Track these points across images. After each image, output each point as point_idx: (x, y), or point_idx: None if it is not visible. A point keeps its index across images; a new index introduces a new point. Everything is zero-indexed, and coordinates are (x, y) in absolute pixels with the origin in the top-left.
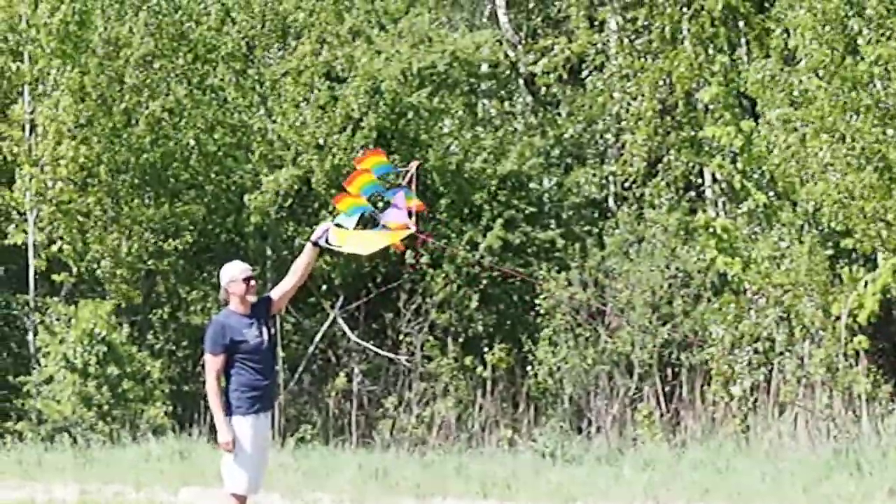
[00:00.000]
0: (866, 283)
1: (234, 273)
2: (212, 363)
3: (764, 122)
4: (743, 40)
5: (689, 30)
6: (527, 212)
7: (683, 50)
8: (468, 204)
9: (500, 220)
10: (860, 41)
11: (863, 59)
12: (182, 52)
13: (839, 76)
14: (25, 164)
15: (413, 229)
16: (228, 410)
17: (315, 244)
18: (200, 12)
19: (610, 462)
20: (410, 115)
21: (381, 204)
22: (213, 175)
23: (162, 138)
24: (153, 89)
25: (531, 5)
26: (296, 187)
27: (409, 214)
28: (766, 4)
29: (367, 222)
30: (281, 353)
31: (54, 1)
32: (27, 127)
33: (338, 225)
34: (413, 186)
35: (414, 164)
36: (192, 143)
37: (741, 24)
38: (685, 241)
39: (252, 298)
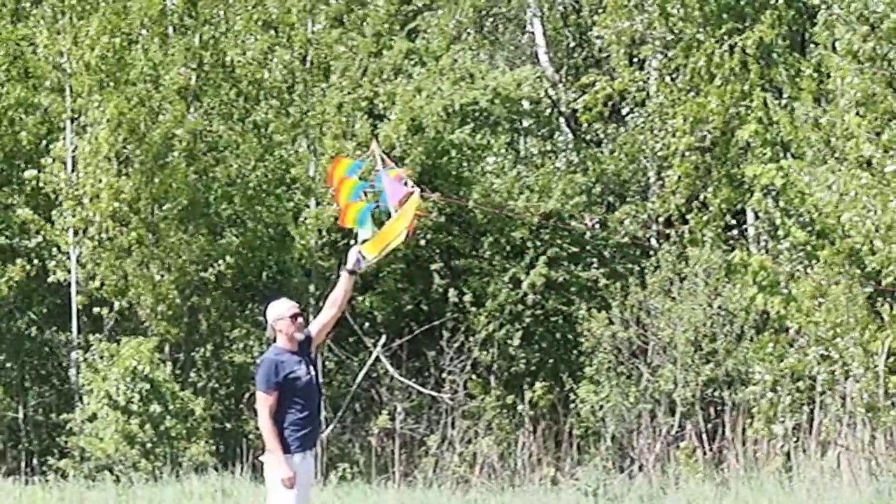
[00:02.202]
0: None
1: (281, 311)
2: (265, 401)
3: (803, 161)
4: (781, 77)
5: (723, 66)
6: (569, 250)
7: (717, 86)
8: (510, 241)
9: (543, 258)
10: None
11: None
12: (225, 87)
13: (877, 111)
14: (67, 201)
15: (416, 191)
16: (282, 446)
17: (351, 272)
18: (243, 47)
19: (652, 501)
20: (453, 152)
21: (378, 202)
22: (255, 210)
23: (202, 172)
24: (192, 123)
25: (572, 44)
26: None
27: (405, 183)
28: (803, 42)
29: (379, 220)
30: (324, 391)
31: (94, 34)
32: (69, 163)
33: (363, 242)
34: (387, 161)
35: (374, 144)
36: (235, 177)
37: (778, 61)
38: (727, 279)
39: (300, 336)
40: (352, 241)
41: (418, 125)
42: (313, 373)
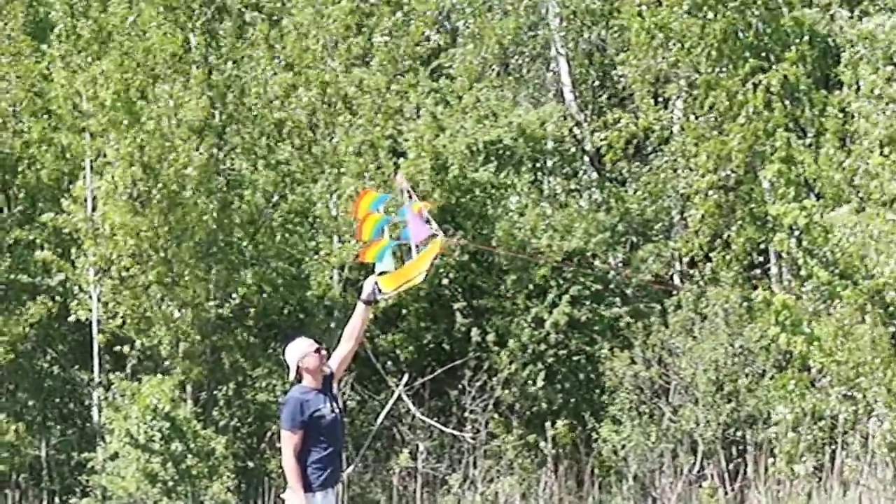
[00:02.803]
0: None
1: (304, 348)
2: (290, 440)
3: (827, 201)
4: (806, 116)
5: (746, 104)
6: (592, 289)
7: (739, 124)
8: (533, 281)
9: (566, 297)
10: None
11: None
12: (248, 125)
13: None
14: (87, 240)
15: (440, 234)
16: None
17: (367, 303)
18: (263, 86)
19: None
20: (476, 191)
21: (400, 240)
22: (276, 247)
23: (219, 209)
24: (202, 160)
25: (596, 83)
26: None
27: (427, 221)
28: (828, 81)
29: (402, 254)
30: (347, 429)
31: (108, 72)
32: (89, 202)
33: (380, 274)
34: (412, 195)
35: (399, 175)
36: (255, 214)
37: (803, 100)
38: (749, 318)
39: (326, 370)
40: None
41: (442, 164)
42: (338, 410)
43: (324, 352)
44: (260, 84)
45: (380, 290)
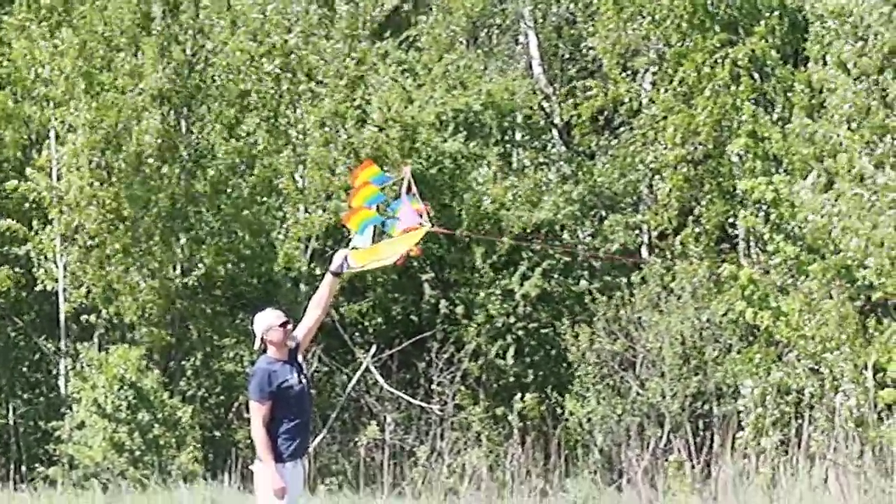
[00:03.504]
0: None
1: (270, 321)
2: (258, 411)
3: (795, 175)
4: (773, 90)
5: (714, 77)
6: (561, 262)
7: (706, 98)
8: (499, 253)
9: (539, 269)
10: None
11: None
12: (212, 96)
13: (869, 127)
14: (52, 208)
15: (427, 226)
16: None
17: (335, 273)
18: (225, 57)
19: None
20: (446, 161)
21: (388, 218)
22: (241, 218)
23: (183, 178)
24: (159, 129)
25: (565, 56)
26: (326, 231)
27: (420, 215)
28: (797, 56)
29: (380, 235)
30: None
31: (69, 42)
32: (54, 171)
33: (353, 248)
34: (413, 190)
35: (406, 169)
36: (220, 184)
37: (771, 74)
38: (716, 292)
39: (291, 343)
40: (340, 247)
41: (410, 133)
42: (304, 381)
43: (290, 327)
44: (223, 54)
45: (348, 264)
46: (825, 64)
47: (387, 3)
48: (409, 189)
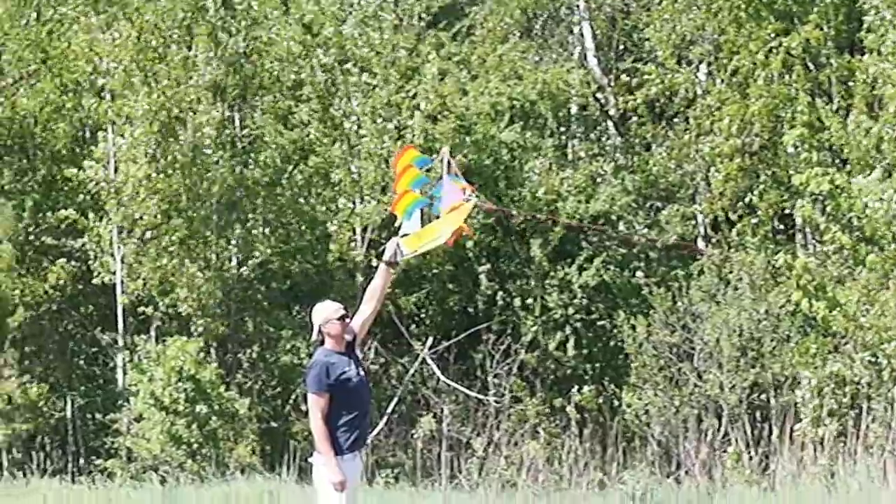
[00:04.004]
0: None
1: (328, 313)
2: (317, 404)
3: (852, 167)
4: (830, 81)
5: (767, 67)
6: (617, 254)
7: (760, 87)
8: (555, 244)
9: (598, 260)
10: None
11: None
12: (266, 86)
13: None
14: (109, 199)
15: (473, 200)
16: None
17: (389, 263)
18: (280, 48)
19: None
20: (503, 152)
21: (433, 200)
22: (295, 209)
23: (237, 170)
24: (218, 119)
25: (620, 47)
26: (381, 222)
27: (463, 191)
28: (853, 46)
29: (428, 218)
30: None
31: (127, 33)
32: (111, 163)
33: (404, 235)
34: (454, 169)
35: (444, 149)
36: (274, 176)
37: (827, 64)
38: (774, 283)
39: (348, 336)
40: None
41: (466, 125)
42: (362, 373)
43: (348, 320)
44: (276, 45)
45: (402, 252)
46: (880, 54)
47: None
48: (449, 169)
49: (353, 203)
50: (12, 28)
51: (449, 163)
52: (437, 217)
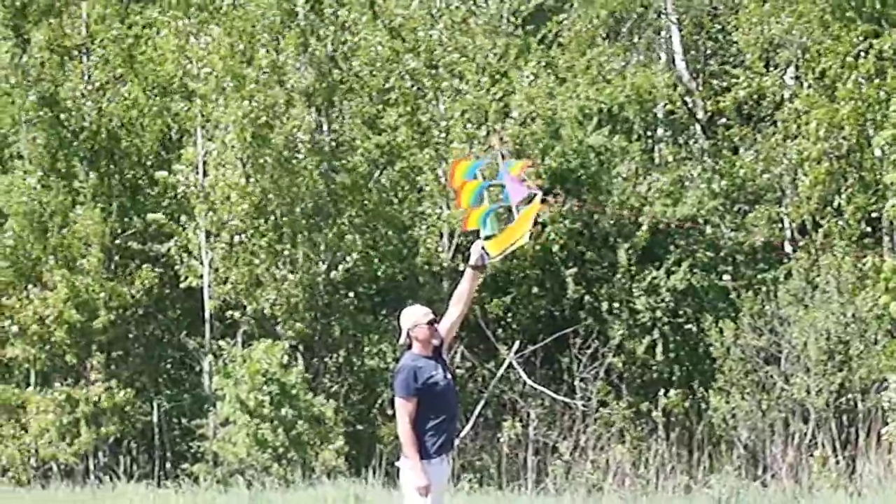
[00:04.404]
0: None
1: (416, 317)
2: (405, 408)
3: None
4: None
5: (857, 69)
6: (705, 257)
7: (850, 90)
8: (643, 249)
9: (685, 263)
10: None
11: None
12: (356, 91)
13: None
14: (199, 203)
15: (538, 193)
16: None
17: (475, 267)
18: (369, 53)
19: None
20: (591, 155)
21: (501, 204)
22: (383, 213)
23: (327, 175)
24: (310, 124)
25: (707, 51)
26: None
27: (523, 181)
28: None
29: (506, 220)
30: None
31: (220, 38)
32: (200, 167)
33: (486, 238)
34: (506, 157)
35: (495, 138)
36: (363, 181)
37: None
38: (861, 286)
39: (436, 341)
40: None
41: (555, 129)
42: (450, 377)
43: (435, 325)
44: (365, 49)
45: (487, 255)
46: None
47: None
48: (503, 157)
49: (440, 208)
50: (100, 32)
51: (501, 153)
52: (510, 209)
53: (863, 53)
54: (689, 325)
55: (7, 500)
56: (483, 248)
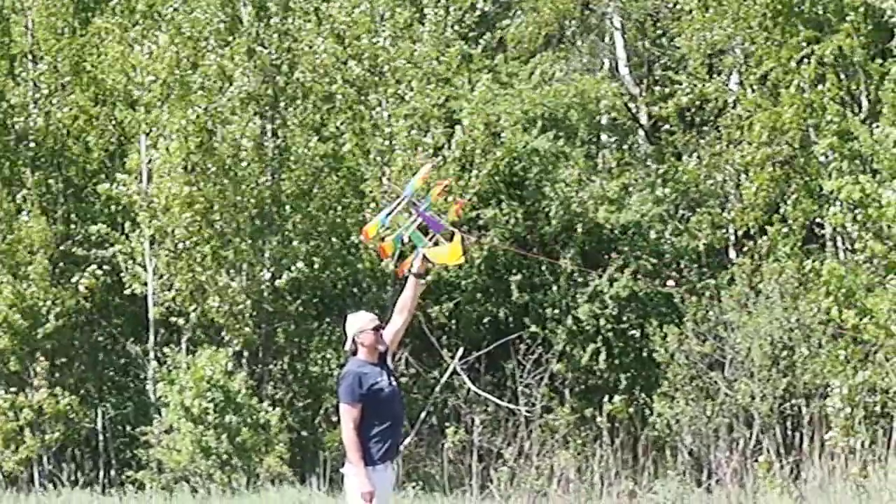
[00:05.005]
0: None
1: (362, 323)
2: (350, 413)
3: (883, 175)
4: (860, 89)
5: (799, 74)
6: (648, 263)
7: (792, 95)
8: (587, 254)
9: (628, 270)
10: None
11: None
12: (299, 98)
13: None
14: (142, 212)
15: (456, 232)
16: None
17: (417, 275)
18: (312, 60)
19: None
20: (535, 159)
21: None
22: (326, 220)
23: (272, 182)
24: (254, 132)
25: (651, 58)
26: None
27: (440, 219)
28: (884, 56)
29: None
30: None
31: (163, 46)
32: (144, 175)
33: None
34: (409, 196)
35: (426, 166)
36: (306, 188)
37: (859, 72)
38: (805, 292)
39: (381, 347)
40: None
41: (496, 132)
42: (395, 383)
43: (381, 330)
44: (309, 56)
45: (429, 263)
46: None
47: (479, 4)
48: (411, 199)
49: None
50: (47, 40)
51: (406, 196)
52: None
53: (806, 59)
54: (633, 332)
55: None
56: (425, 255)
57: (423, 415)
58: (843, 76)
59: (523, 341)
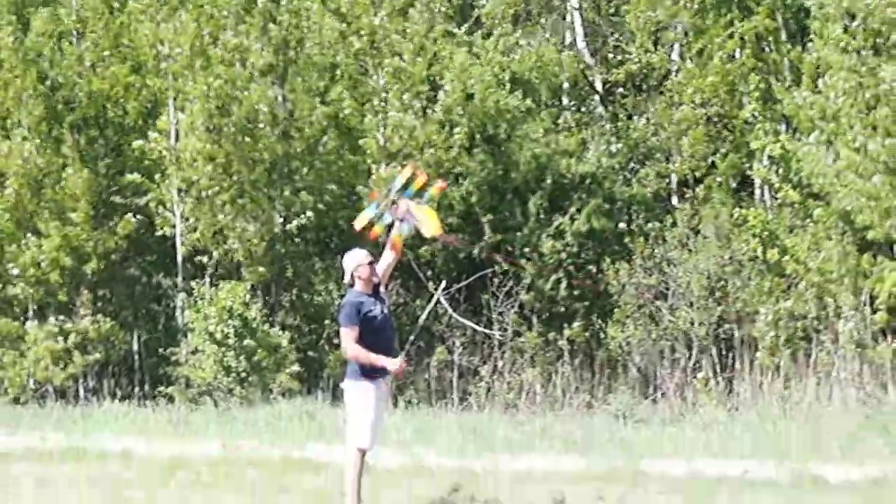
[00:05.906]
0: (887, 270)
1: (359, 259)
2: (349, 335)
3: (802, 135)
4: (781, 62)
5: (723, 49)
6: (603, 208)
7: (717, 66)
8: (553, 199)
9: (586, 210)
10: (883, 66)
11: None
12: (305, 68)
13: (862, 98)
14: (170, 165)
15: (424, 203)
16: (361, 375)
17: (402, 220)
18: (319, 35)
19: (673, 423)
20: (507, 115)
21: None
22: (329, 172)
23: (283, 140)
24: (271, 99)
25: (605, 31)
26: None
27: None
28: (803, 32)
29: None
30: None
31: (186, 20)
32: (172, 133)
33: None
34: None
35: (410, 167)
36: (312, 145)
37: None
38: (737, 233)
39: (375, 279)
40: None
41: (470, 93)
42: (387, 311)
43: (375, 265)
44: (315, 32)
45: (413, 217)
46: (823, 40)
47: None
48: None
49: (380, 167)
50: (89, 20)
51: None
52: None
53: (727, 35)
54: (590, 266)
55: (10, 416)
56: (409, 205)
57: (411, 338)
58: (768, 49)
59: (496, 275)
